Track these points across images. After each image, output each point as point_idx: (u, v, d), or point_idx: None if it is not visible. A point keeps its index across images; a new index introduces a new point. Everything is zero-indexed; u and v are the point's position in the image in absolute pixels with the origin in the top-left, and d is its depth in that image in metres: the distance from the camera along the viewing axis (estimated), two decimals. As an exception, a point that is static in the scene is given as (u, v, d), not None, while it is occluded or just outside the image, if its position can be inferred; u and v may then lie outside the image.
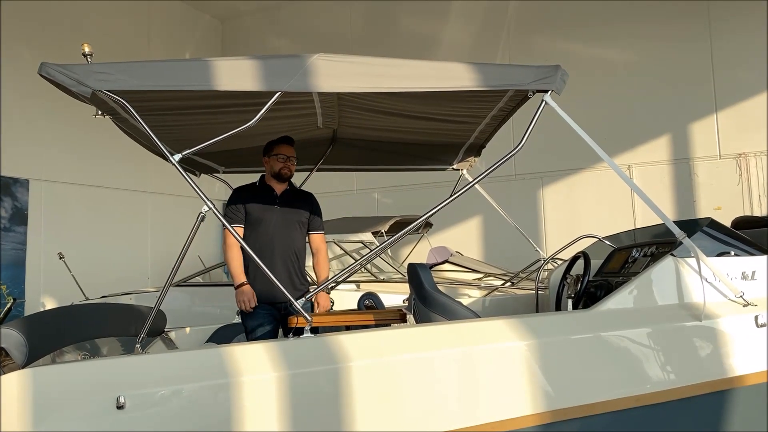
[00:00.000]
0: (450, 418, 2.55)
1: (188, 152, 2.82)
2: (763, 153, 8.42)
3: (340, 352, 2.58)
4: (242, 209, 3.84)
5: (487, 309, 4.33)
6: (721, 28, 8.72)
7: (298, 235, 3.93)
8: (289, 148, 3.91)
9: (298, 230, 3.94)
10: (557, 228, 9.22)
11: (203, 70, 2.64)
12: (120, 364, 2.55)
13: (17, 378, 2.37)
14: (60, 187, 8.85)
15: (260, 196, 3.89)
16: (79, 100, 2.73)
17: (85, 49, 2.67)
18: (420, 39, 10.46)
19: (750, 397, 2.76)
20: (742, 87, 8.56)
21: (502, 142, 4.26)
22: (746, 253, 3.04)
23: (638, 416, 2.68)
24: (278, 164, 3.88)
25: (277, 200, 3.90)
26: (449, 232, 9.52)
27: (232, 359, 2.54)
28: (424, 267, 3.42)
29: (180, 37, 11.18)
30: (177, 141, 3.55)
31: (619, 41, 9.29)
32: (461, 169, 4.70)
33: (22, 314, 7.59)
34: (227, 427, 2.44)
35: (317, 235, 4.03)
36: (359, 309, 4.06)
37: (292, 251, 3.87)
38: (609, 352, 2.74)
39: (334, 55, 2.73)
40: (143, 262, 9.66)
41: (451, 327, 2.81)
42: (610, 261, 3.89)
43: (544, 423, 2.61)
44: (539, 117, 2.87)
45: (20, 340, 2.55)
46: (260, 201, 3.87)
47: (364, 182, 10.40)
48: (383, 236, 7.07)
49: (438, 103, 3.29)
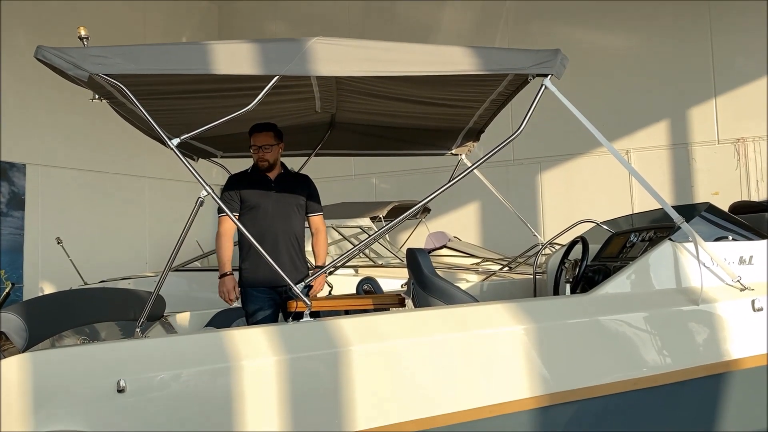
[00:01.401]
0: (448, 401, 2.57)
1: (186, 136, 2.82)
2: (761, 138, 8.42)
3: (339, 336, 2.59)
4: (237, 197, 3.83)
5: (485, 294, 4.35)
6: (721, 14, 8.67)
7: (296, 219, 3.93)
8: (260, 137, 3.82)
9: (296, 214, 3.93)
10: (555, 213, 9.23)
11: (201, 54, 2.63)
12: (120, 349, 2.56)
13: (17, 362, 2.38)
14: (57, 172, 8.83)
15: (255, 183, 3.88)
16: (76, 83, 2.71)
17: (81, 32, 2.65)
18: (418, 24, 10.39)
19: (746, 380, 2.78)
20: (740, 72, 8.54)
21: (501, 127, 4.24)
22: (744, 238, 3.05)
23: (635, 400, 2.70)
24: (254, 155, 3.87)
25: (273, 185, 3.89)
26: (447, 217, 9.53)
27: (232, 343, 2.56)
28: (423, 252, 3.43)
29: (176, 22, 11.09)
30: (175, 125, 3.54)
31: (618, 26, 9.25)
32: (460, 154, 4.69)
33: (20, 299, 7.60)
34: (227, 410, 2.45)
35: (316, 216, 4.04)
36: (358, 294, 4.07)
37: (293, 235, 3.88)
38: (607, 336, 2.75)
39: (332, 39, 2.71)
40: (141, 247, 9.66)
41: (450, 311, 2.82)
42: (608, 246, 3.90)
43: (541, 406, 2.63)
44: (538, 102, 2.86)
45: (20, 325, 2.56)
46: (255, 187, 3.87)
47: (363, 167, 10.38)
48: (381, 221, 7.07)
49: (437, 87, 3.27)
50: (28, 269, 8.33)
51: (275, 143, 3.87)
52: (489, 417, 2.58)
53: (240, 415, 2.45)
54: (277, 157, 3.92)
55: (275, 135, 3.88)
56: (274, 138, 3.86)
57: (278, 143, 3.89)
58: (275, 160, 3.91)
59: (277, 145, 3.88)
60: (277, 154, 3.91)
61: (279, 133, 3.90)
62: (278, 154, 3.93)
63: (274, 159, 3.90)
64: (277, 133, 3.89)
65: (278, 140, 3.89)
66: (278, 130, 3.90)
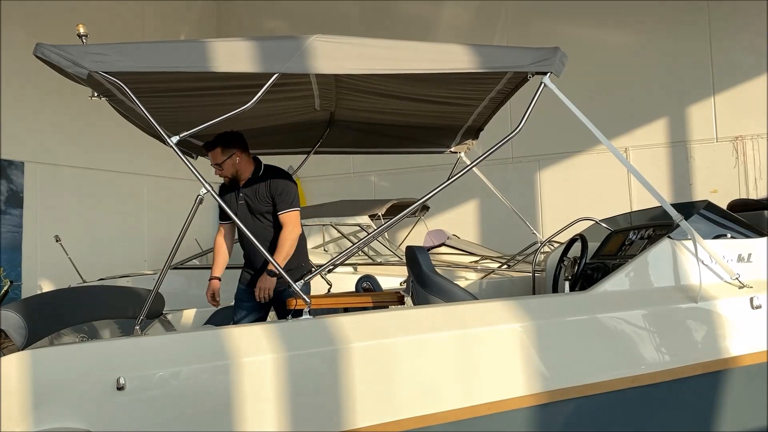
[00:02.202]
0: (447, 399, 2.58)
1: (186, 134, 2.81)
2: (759, 136, 8.43)
3: (338, 334, 2.60)
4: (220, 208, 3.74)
5: (484, 291, 4.36)
6: (719, 12, 8.67)
7: (268, 225, 3.81)
8: (210, 155, 3.74)
9: (267, 220, 3.81)
10: (554, 211, 9.23)
11: (200, 52, 2.62)
12: (120, 346, 2.56)
13: (17, 360, 2.38)
14: (55, 170, 8.82)
15: (228, 193, 3.84)
16: (75, 81, 2.71)
17: (80, 30, 2.64)
18: (417, 22, 10.38)
19: (745, 377, 2.78)
20: (739, 70, 8.54)
21: (500, 125, 4.25)
22: (742, 236, 3.06)
23: (634, 397, 2.71)
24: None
25: (240, 194, 3.81)
26: (446, 215, 9.53)
27: (231, 341, 2.56)
28: (422, 250, 3.43)
29: (175, 20, 11.08)
30: (174, 123, 3.53)
31: (617, 24, 9.24)
32: (459, 152, 4.69)
33: (19, 297, 7.60)
34: (226, 408, 2.45)
35: (283, 214, 3.76)
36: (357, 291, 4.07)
37: (266, 242, 3.75)
38: (605, 334, 2.76)
39: (331, 37, 2.70)
40: (140, 245, 9.65)
41: (449, 309, 2.82)
42: (607, 243, 3.91)
43: (540, 403, 2.63)
44: (537, 100, 2.86)
45: (19, 322, 2.56)
46: (228, 199, 3.81)
47: (362, 165, 10.38)
48: (380, 219, 7.07)
49: (436, 85, 3.27)
50: (27, 267, 8.32)
51: (226, 157, 3.71)
52: (488, 414, 2.58)
53: (239, 412, 2.45)
54: (235, 168, 3.76)
55: (223, 149, 3.71)
56: (222, 153, 3.71)
57: (230, 155, 3.72)
58: (235, 171, 3.77)
59: (230, 158, 3.72)
60: (233, 166, 3.75)
61: (229, 142, 3.73)
62: (236, 164, 3.75)
63: (232, 172, 3.77)
64: (226, 144, 3.72)
65: (230, 151, 3.72)
66: (226, 140, 3.73)
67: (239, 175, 3.80)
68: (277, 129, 4.34)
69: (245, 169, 3.81)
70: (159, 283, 2.83)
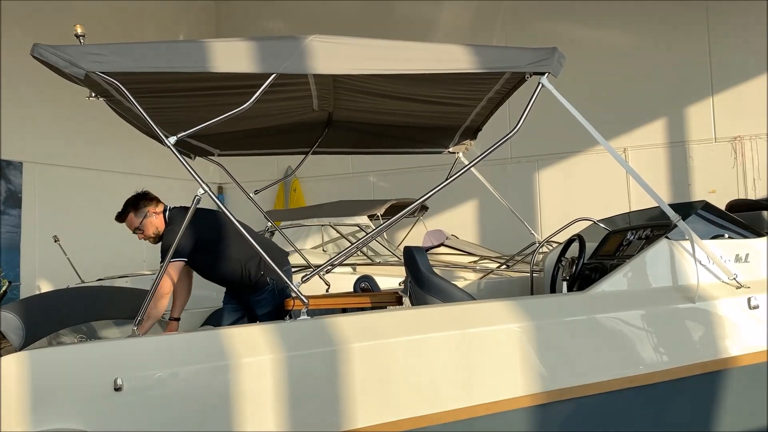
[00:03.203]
0: (445, 399, 2.58)
1: (183, 134, 2.81)
2: (757, 136, 8.44)
3: (336, 334, 2.60)
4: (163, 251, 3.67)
5: (483, 292, 4.35)
6: (718, 12, 8.68)
7: (206, 266, 3.83)
8: (127, 224, 3.74)
9: (200, 263, 3.81)
10: (552, 211, 9.24)
11: (198, 52, 2.62)
12: (118, 347, 2.56)
13: (15, 360, 2.38)
14: (54, 170, 8.80)
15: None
16: (73, 81, 2.71)
17: (78, 30, 2.64)
18: (416, 22, 10.39)
19: (743, 378, 2.79)
20: (738, 71, 8.55)
21: (498, 125, 4.25)
22: (740, 236, 3.06)
23: (632, 397, 2.71)
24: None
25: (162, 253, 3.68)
26: (445, 216, 9.53)
27: (229, 341, 2.56)
28: (421, 250, 3.43)
29: (173, 20, 11.07)
30: (171, 123, 3.53)
31: (615, 24, 9.25)
32: (457, 152, 4.69)
33: (17, 298, 7.59)
34: (225, 408, 2.45)
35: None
36: (355, 292, 4.07)
37: (220, 279, 3.89)
38: (603, 334, 2.76)
39: (329, 37, 2.70)
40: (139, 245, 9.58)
41: (447, 309, 2.82)
42: (605, 244, 3.91)
43: (538, 404, 2.63)
44: (535, 100, 2.86)
45: (17, 323, 2.56)
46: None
47: (360, 165, 10.37)
48: (379, 219, 7.07)
49: (434, 85, 3.27)
50: (25, 267, 8.31)
51: (141, 219, 3.71)
52: (486, 414, 2.58)
53: (238, 413, 2.45)
54: (155, 226, 3.74)
55: (135, 212, 3.71)
56: (135, 216, 3.71)
57: (144, 217, 3.71)
58: (156, 229, 3.74)
59: (146, 219, 3.71)
60: (151, 226, 3.73)
61: (139, 205, 3.73)
62: (155, 222, 3.73)
63: (154, 231, 3.74)
64: (138, 208, 3.72)
65: (142, 214, 3.71)
66: (136, 203, 3.72)
67: (160, 232, 3.74)
68: (275, 129, 4.33)
69: (162, 224, 3.76)
70: (157, 283, 2.83)
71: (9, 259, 8.13)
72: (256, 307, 3.86)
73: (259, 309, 3.85)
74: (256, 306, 3.86)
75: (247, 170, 6.42)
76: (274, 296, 3.84)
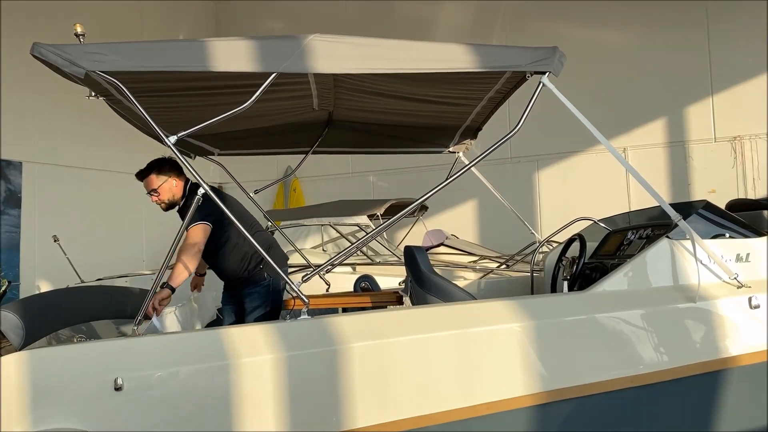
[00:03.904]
0: (446, 399, 2.57)
1: (183, 134, 2.81)
2: (757, 136, 8.44)
3: (337, 334, 2.59)
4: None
5: (483, 291, 4.35)
6: (719, 11, 8.68)
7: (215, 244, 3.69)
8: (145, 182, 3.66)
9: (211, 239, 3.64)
10: (552, 211, 9.23)
11: (198, 51, 2.62)
12: (118, 347, 2.56)
13: (15, 360, 2.38)
14: (53, 170, 8.80)
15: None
16: (72, 81, 2.70)
17: (78, 29, 2.63)
18: (416, 22, 10.38)
19: (743, 377, 2.78)
20: (738, 70, 8.55)
21: (498, 125, 4.24)
22: (741, 236, 3.06)
23: (633, 397, 2.71)
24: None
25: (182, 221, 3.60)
26: (445, 215, 9.53)
27: (229, 341, 2.55)
28: (421, 250, 3.43)
29: (173, 19, 11.06)
30: (172, 123, 3.52)
31: (616, 24, 9.25)
32: (457, 152, 4.69)
33: (17, 297, 7.58)
34: (225, 408, 2.45)
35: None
36: (356, 291, 4.08)
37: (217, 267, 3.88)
38: (604, 334, 2.76)
39: (330, 36, 2.70)
40: (138, 245, 9.64)
41: (448, 309, 2.82)
42: (605, 243, 3.90)
43: (539, 403, 2.63)
44: (536, 99, 2.85)
45: (17, 323, 2.55)
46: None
47: (360, 165, 10.37)
48: (379, 219, 7.07)
49: (434, 85, 3.27)
50: (25, 267, 8.31)
51: (161, 183, 3.65)
52: (486, 414, 2.58)
53: (238, 412, 2.45)
54: (172, 193, 3.69)
55: (157, 174, 3.64)
56: (156, 178, 3.64)
57: (164, 182, 3.65)
58: (172, 197, 3.70)
59: (165, 183, 3.65)
60: (168, 192, 3.67)
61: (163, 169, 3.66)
62: (173, 189, 3.69)
63: (170, 197, 3.69)
64: (161, 171, 3.65)
65: (162, 179, 3.65)
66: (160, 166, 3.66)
67: (175, 202, 3.74)
68: (275, 129, 4.33)
69: (181, 195, 3.74)
70: (157, 283, 2.83)
71: (8, 258, 8.12)
72: (246, 298, 3.83)
73: (249, 302, 3.81)
74: (247, 297, 3.83)
75: (247, 170, 6.41)
76: (268, 292, 3.81)
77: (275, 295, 3.83)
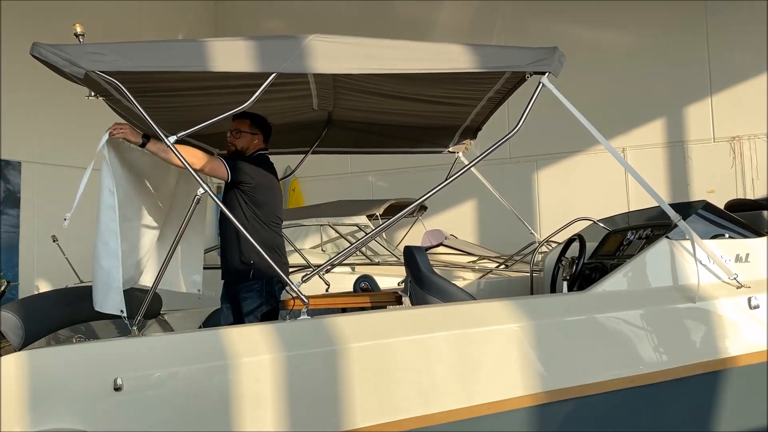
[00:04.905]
0: (446, 399, 2.57)
1: (183, 134, 2.81)
2: (756, 136, 8.44)
3: (336, 334, 2.59)
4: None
5: (482, 291, 4.35)
6: (717, 11, 8.68)
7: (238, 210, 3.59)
8: (234, 123, 3.71)
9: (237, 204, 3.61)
10: (552, 211, 9.23)
11: (198, 51, 2.62)
12: (117, 347, 2.56)
13: (14, 360, 2.37)
14: (53, 170, 8.78)
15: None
16: (72, 80, 2.70)
17: (77, 29, 2.63)
18: (415, 22, 10.38)
19: (743, 377, 2.79)
20: (737, 70, 8.55)
21: (498, 125, 4.24)
22: (740, 236, 3.06)
23: (632, 397, 2.71)
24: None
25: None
26: (444, 215, 9.53)
27: (229, 341, 2.55)
28: (420, 250, 3.43)
29: (172, 19, 11.05)
30: (171, 123, 3.52)
31: (615, 24, 9.25)
32: (457, 152, 4.69)
33: (16, 297, 7.58)
34: (224, 408, 2.45)
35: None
36: (355, 291, 4.07)
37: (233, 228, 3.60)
38: (604, 334, 2.76)
39: (329, 36, 2.70)
40: (137, 245, 9.61)
41: (447, 309, 2.82)
42: (605, 243, 3.91)
43: (538, 404, 2.63)
44: (536, 100, 2.86)
45: (16, 323, 2.55)
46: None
47: (359, 165, 10.36)
48: (378, 219, 7.06)
49: (434, 85, 3.27)
50: (24, 267, 8.29)
51: (246, 131, 3.73)
52: (486, 414, 2.58)
53: (237, 412, 2.44)
54: (248, 145, 3.76)
55: (250, 125, 3.74)
56: (248, 126, 3.73)
57: (249, 133, 3.74)
58: (246, 147, 3.75)
59: (249, 134, 3.74)
60: (245, 142, 3.74)
61: (257, 126, 3.76)
62: (251, 143, 3.76)
63: (243, 146, 3.74)
64: (254, 124, 3.75)
65: (251, 133, 3.75)
66: (260, 122, 3.77)
67: (244, 152, 3.77)
68: (274, 129, 4.33)
69: (251, 150, 3.79)
70: (156, 283, 2.83)
71: (8, 258, 8.11)
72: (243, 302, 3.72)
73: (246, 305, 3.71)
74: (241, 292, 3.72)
75: (247, 170, 6.39)
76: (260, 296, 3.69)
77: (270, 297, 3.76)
